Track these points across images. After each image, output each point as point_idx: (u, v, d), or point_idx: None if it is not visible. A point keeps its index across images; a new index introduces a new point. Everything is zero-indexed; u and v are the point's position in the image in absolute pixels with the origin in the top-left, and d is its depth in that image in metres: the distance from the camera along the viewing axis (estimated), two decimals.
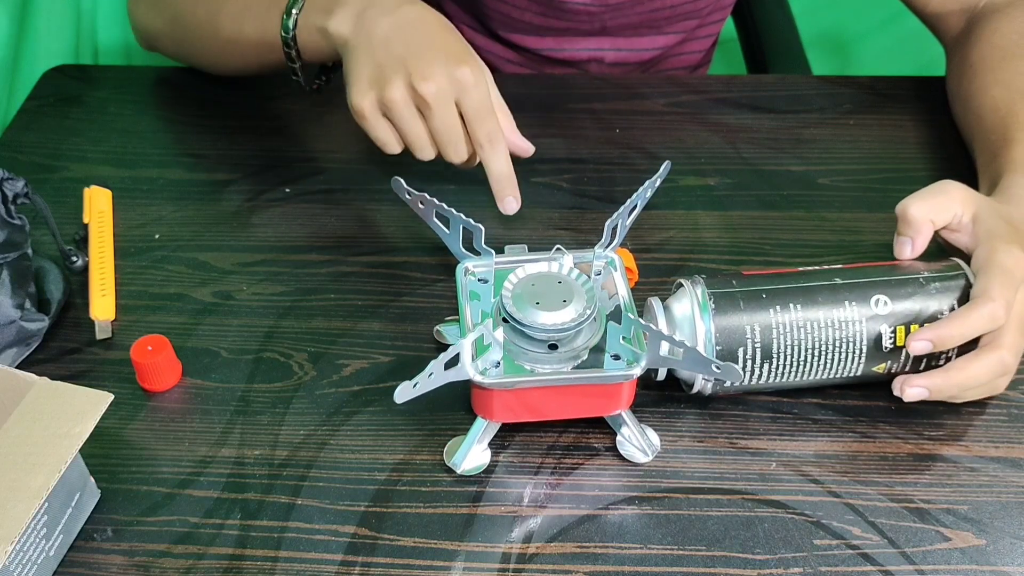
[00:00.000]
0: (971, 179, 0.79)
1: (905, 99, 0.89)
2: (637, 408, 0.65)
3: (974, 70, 0.80)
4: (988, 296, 0.59)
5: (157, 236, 0.78)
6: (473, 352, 0.58)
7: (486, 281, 0.64)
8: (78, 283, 0.74)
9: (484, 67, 0.72)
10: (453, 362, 0.57)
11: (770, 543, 0.59)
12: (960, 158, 0.82)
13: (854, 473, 0.62)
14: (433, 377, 0.57)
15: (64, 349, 0.70)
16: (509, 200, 0.74)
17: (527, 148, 0.77)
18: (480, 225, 0.64)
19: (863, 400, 0.66)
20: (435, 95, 0.69)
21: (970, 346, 0.61)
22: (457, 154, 0.73)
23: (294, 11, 0.75)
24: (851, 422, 0.65)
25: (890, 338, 0.61)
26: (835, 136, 0.85)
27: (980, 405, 0.65)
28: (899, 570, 0.57)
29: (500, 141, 0.72)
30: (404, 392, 0.56)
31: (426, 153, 0.73)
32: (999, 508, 0.60)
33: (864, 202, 0.79)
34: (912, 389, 0.60)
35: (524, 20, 0.95)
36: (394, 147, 0.73)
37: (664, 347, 0.58)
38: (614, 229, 0.65)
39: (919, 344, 0.60)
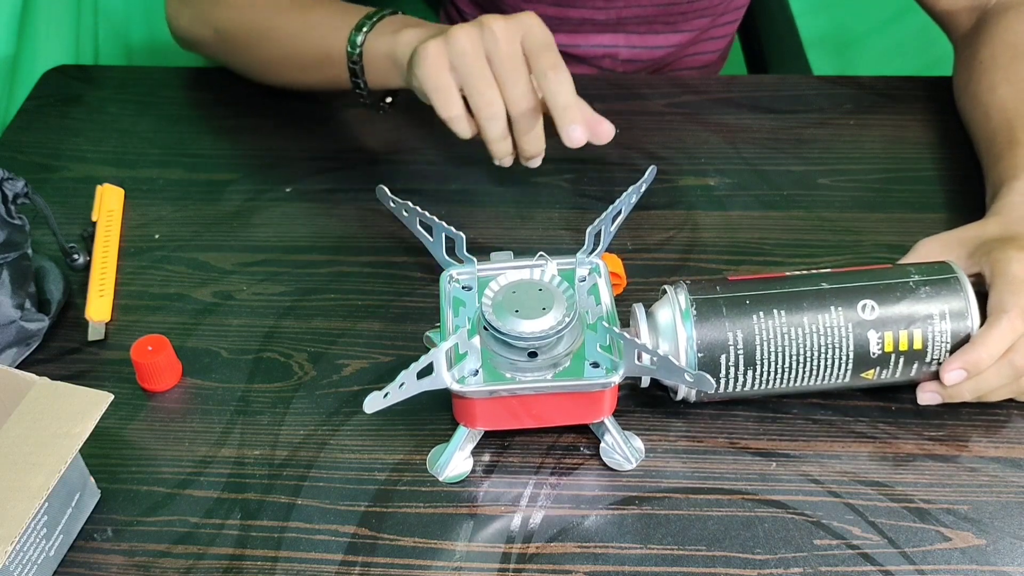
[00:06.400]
0: (971, 178, 0.79)
1: (905, 99, 0.89)
2: (637, 408, 0.65)
3: (983, 67, 0.80)
4: (1002, 308, 0.60)
5: (157, 236, 0.78)
6: (451, 360, 0.58)
7: (470, 288, 0.64)
8: (78, 282, 0.74)
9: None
10: (427, 371, 0.57)
11: (770, 543, 0.59)
12: (960, 158, 0.82)
13: (854, 473, 0.62)
14: (405, 387, 0.56)
15: (64, 349, 0.70)
16: (574, 128, 0.68)
17: (606, 129, 0.72)
18: (461, 233, 0.63)
19: (863, 400, 0.66)
20: (502, 27, 0.68)
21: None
22: (519, 93, 0.69)
23: (364, 29, 0.76)
24: (851, 422, 0.65)
25: (878, 344, 0.61)
26: (835, 136, 0.85)
27: (981, 405, 0.65)
28: (899, 570, 0.57)
29: (565, 71, 0.68)
30: (374, 402, 0.55)
31: (487, 98, 0.69)
32: (999, 508, 0.60)
33: (864, 202, 0.79)
34: (951, 373, 0.60)
35: (538, 12, 0.95)
36: (453, 99, 0.70)
37: (642, 355, 0.58)
38: (597, 235, 0.65)
39: (953, 374, 0.60)
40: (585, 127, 0.69)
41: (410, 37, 0.73)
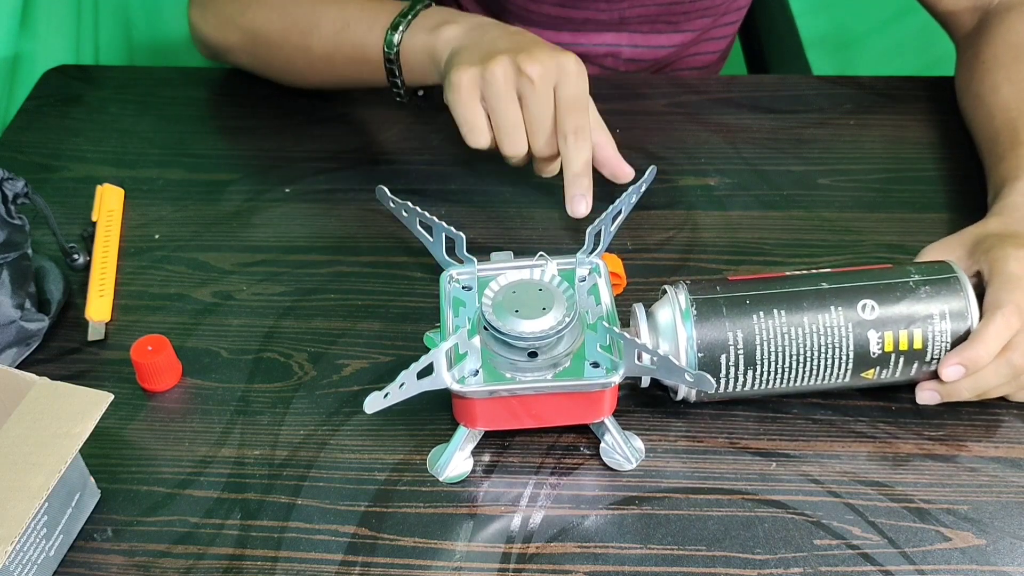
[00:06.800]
0: (972, 178, 0.79)
1: (905, 99, 0.89)
2: (637, 408, 0.65)
3: (986, 67, 0.80)
4: (997, 304, 0.60)
5: (157, 236, 0.78)
6: (452, 360, 0.58)
7: (470, 288, 0.64)
8: (78, 282, 0.74)
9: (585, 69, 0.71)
10: (427, 371, 0.57)
11: (770, 543, 0.59)
12: (961, 158, 0.82)
13: (854, 473, 0.62)
14: (405, 387, 0.56)
15: (64, 349, 0.70)
16: (578, 199, 0.70)
17: (626, 172, 0.74)
18: (461, 233, 0.64)
19: (863, 400, 0.66)
20: (539, 75, 0.69)
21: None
22: (544, 144, 0.71)
23: (400, 28, 0.76)
24: (851, 422, 0.65)
25: (878, 343, 0.61)
26: (835, 136, 0.85)
27: (980, 405, 0.65)
28: (899, 570, 0.57)
29: (586, 137, 0.70)
30: (374, 402, 0.55)
31: (514, 141, 0.70)
32: (999, 508, 0.60)
33: (864, 202, 0.79)
34: (949, 369, 0.60)
35: (542, 12, 0.95)
36: (481, 132, 0.71)
37: (642, 355, 0.58)
38: (597, 235, 0.65)
39: (951, 370, 0.60)
40: (589, 200, 0.71)
41: (449, 35, 0.74)
